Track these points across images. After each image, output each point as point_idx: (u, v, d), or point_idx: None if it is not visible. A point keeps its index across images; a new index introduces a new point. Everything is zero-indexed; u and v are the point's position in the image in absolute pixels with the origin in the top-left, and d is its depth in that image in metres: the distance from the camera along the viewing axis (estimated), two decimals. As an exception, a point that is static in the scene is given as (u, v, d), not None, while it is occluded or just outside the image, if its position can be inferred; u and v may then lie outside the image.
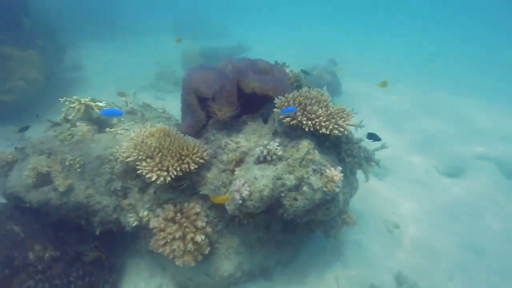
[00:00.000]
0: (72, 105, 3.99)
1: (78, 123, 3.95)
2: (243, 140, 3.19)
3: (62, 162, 3.43)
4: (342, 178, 2.82)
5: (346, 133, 2.88)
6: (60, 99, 3.98)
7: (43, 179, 3.31)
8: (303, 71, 3.82)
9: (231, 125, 3.31)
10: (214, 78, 3.08)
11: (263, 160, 2.84)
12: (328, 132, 2.80)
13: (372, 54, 16.98)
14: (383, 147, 4.17)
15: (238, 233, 3.24)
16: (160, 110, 5.50)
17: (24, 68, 6.82)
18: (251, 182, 2.64)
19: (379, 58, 16.24)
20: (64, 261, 3.15)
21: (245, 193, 2.52)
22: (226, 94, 2.94)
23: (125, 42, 15.17)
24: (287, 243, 3.55)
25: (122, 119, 4.63)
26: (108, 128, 4.18)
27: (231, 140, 3.22)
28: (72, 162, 3.40)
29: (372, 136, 3.15)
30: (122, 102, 5.17)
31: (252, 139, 3.18)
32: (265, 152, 2.82)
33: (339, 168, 2.85)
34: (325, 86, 3.49)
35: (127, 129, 4.25)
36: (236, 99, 3.01)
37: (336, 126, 2.78)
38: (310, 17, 25.79)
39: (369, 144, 3.95)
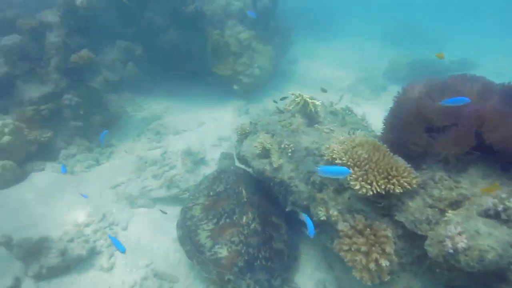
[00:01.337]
0: (296, 99, 4.78)
1: (297, 115, 4.72)
2: (466, 182, 2.75)
3: (280, 144, 4.24)
4: None
5: None
6: (290, 92, 4.85)
7: (265, 153, 4.23)
8: None
9: (453, 161, 2.91)
10: (448, 104, 2.76)
11: (493, 215, 2.36)
12: None
13: None
14: None
15: (424, 279, 2.93)
16: (360, 117, 5.60)
17: (261, 59, 8.75)
18: (471, 235, 2.26)
19: None
20: (261, 237, 3.79)
21: (461, 245, 2.21)
22: (463, 135, 2.59)
23: (336, 42, 16.10)
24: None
25: (328, 118, 5.10)
26: (316, 125, 4.74)
27: (449, 177, 2.85)
28: (286, 146, 4.13)
29: None
30: (327, 102, 5.67)
31: (479, 183, 2.69)
32: (500, 208, 2.32)
33: None
34: None
35: (331, 129, 4.66)
36: (473, 139, 2.60)
37: None
38: None
39: None
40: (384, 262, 2.72)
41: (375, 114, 8.46)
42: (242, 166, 4.87)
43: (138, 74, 7.73)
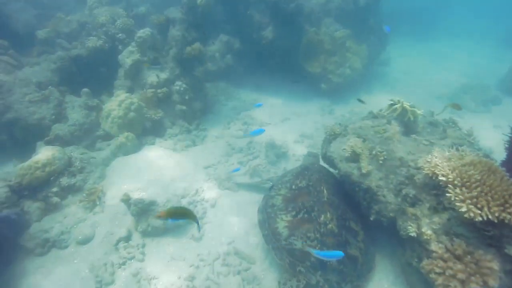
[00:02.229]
0: (395, 106, 4.57)
1: (393, 122, 4.52)
2: None
3: (371, 150, 4.14)
4: None
5: None
6: (390, 100, 4.65)
7: (354, 157, 4.20)
8: None
9: None
10: None
11: None
12: None
13: None
14: None
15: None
16: (466, 132, 5.00)
17: (353, 59, 8.49)
18: None
19: None
20: (336, 239, 3.81)
21: None
22: None
23: (437, 43, 14.41)
24: None
25: (428, 130, 4.73)
26: (414, 135, 4.46)
27: None
28: (378, 153, 4.02)
29: None
30: (428, 111, 5.22)
31: None
32: None
33: None
34: None
35: (431, 142, 4.33)
36: None
37: None
38: None
39: None
40: (485, 295, 2.50)
41: (483, 130, 7.40)
42: (327, 167, 4.93)
43: (234, 66, 8.39)
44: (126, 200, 4.83)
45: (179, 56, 6.56)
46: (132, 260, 4.35)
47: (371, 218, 3.90)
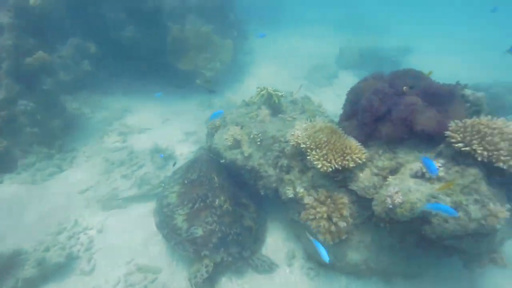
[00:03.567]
0: (261, 92, 5.18)
1: (262, 106, 5.13)
2: (402, 153, 3.43)
3: (249, 134, 4.63)
4: (507, 217, 2.69)
5: (529, 174, 2.68)
6: (257, 87, 5.22)
7: (236, 144, 4.60)
8: None
9: (392, 137, 3.58)
10: (388, 96, 3.39)
11: (420, 176, 3.04)
12: (505, 168, 2.69)
13: None
14: None
15: (371, 233, 3.60)
16: (317, 105, 6.21)
17: (222, 53, 8.99)
18: (405, 193, 2.92)
19: None
20: (232, 216, 4.26)
21: (398, 200, 2.85)
22: (398, 120, 3.24)
23: (290, 31, 16.63)
24: (418, 258, 3.64)
25: (290, 107, 5.60)
26: (280, 114, 5.21)
27: (389, 150, 3.51)
28: (255, 136, 4.55)
29: None
30: (288, 92, 6.18)
31: (411, 153, 3.38)
32: (424, 169, 3.00)
33: (508, 206, 2.71)
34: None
35: (294, 118, 5.17)
36: (406, 126, 3.26)
37: (518, 164, 2.64)
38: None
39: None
40: (341, 224, 3.32)
41: (329, 99, 9.29)
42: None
43: (95, 72, 7.48)
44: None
45: (15, 70, 5.33)
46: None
47: (262, 193, 4.42)
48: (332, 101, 9.28)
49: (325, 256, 2.90)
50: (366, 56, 11.82)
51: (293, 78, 11.11)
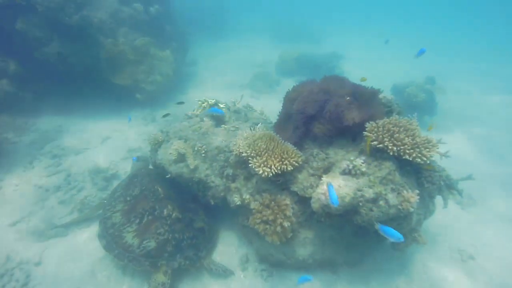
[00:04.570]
0: (203, 105, 5.28)
1: (205, 119, 5.22)
2: (332, 153, 3.83)
3: (193, 147, 4.68)
4: (417, 201, 3.21)
5: (428, 162, 3.23)
6: (198, 100, 5.29)
7: (180, 157, 4.61)
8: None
9: (324, 139, 3.98)
10: (319, 98, 3.77)
11: (347, 172, 3.44)
12: (410, 159, 3.21)
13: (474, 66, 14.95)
14: (469, 177, 4.21)
15: (315, 228, 3.94)
16: (259, 112, 6.51)
17: (161, 65, 8.82)
18: (335, 188, 3.28)
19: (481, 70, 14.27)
20: (183, 222, 4.36)
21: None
22: (328, 119, 3.62)
23: (231, 40, 17.02)
24: (357, 246, 4.07)
25: (233, 117, 5.77)
26: (223, 125, 5.36)
27: (322, 151, 3.89)
28: (199, 148, 4.62)
29: None
30: (231, 102, 6.37)
31: (339, 153, 3.79)
32: (350, 166, 3.41)
33: (416, 191, 3.24)
34: (416, 113, 3.80)
35: (236, 127, 5.36)
36: (336, 124, 3.66)
37: (419, 155, 3.17)
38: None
39: (455, 173, 4.10)
40: (286, 223, 3.58)
41: (272, 106, 9.73)
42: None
43: (17, 93, 6.78)
44: None
45: None
46: None
47: (212, 203, 4.49)
48: (276, 106, 9.67)
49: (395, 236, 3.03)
50: (304, 63, 12.67)
51: (237, 87, 11.40)
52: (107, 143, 7.06)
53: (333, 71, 12.51)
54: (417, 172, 3.62)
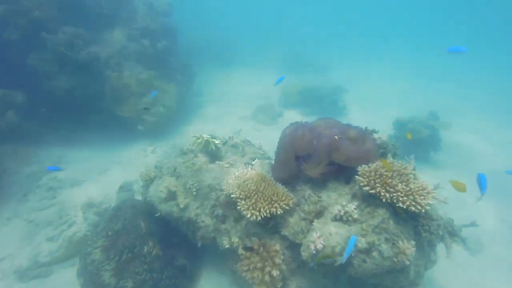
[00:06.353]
0: (197, 141, 5.26)
1: (199, 154, 5.18)
2: (325, 196, 3.67)
3: (185, 185, 4.60)
4: (414, 252, 2.98)
5: (423, 211, 3.04)
6: (193, 136, 5.28)
7: (171, 195, 4.51)
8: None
9: (317, 181, 3.84)
10: (311, 140, 3.70)
11: (339, 218, 3.27)
12: (404, 207, 3.04)
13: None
14: (473, 224, 3.95)
15: (307, 276, 3.68)
16: (257, 147, 6.45)
17: (165, 98, 9.03)
18: (326, 237, 3.09)
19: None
20: (163, 260, 4.22)
21: (319, 246, 2.99)
22: (320, 159, 3.52)
23: (236, 71, 17.46)
24: (352, 298, 3.76)
25: (229, 153, 5.72)
26: (218, 161, 5.29)
27: (314, 194, 3.74)
28: (191, 186, 4.52)
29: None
30: (228, 136, 6.35)
31: (332, 196, 3.64)
32: (342, 212, 3.24)
33: (412, 242, 3.02)
34: (413, 155, 3.66)
35: (231, 164, 5.28)
36: (327, 163, 3.56)
37: (413, 203, 3.00)
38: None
39: (457, 219, 3.86)
40: (275, 272, 3.35)
41: (274, 138, 9.67)
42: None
43: (23, 123, 6.96)
44: None
45: None
46: None
47: (199, 245, 4.31)
48: (276, 139, 9.69)
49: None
50: (306, 95, 12.82)
51: (240, 119, 11.51)
52: (105, 175, 7.05)
53: (336, 104, 12.59)
54: (414, 219, 3.41)
